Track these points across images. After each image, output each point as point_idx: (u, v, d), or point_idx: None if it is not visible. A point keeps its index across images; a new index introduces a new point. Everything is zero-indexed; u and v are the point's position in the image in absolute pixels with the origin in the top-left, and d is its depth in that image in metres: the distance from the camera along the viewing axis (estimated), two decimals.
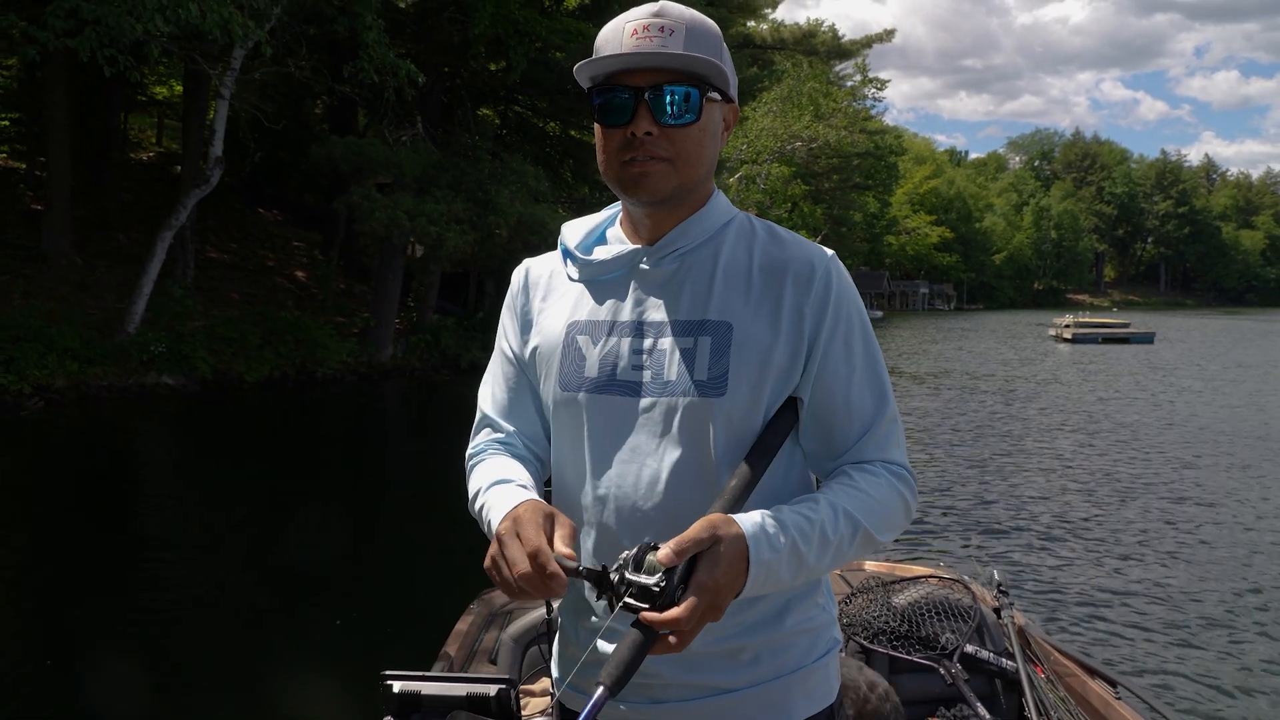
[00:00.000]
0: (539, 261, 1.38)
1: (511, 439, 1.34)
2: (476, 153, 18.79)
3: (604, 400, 1.22)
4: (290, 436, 13.69)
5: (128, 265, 18.08)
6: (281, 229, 26.36)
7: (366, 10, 13.32)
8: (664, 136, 1.17)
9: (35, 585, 6.47)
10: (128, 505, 9.18)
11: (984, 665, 2.68)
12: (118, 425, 13.59)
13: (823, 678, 1.28)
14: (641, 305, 1.24)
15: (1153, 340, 38.71)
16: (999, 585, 2.99)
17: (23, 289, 15.90)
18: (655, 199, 1.20)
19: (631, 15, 1.19)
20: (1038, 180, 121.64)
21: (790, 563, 1.10)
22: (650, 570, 1.00)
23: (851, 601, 2.87)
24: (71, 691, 4.59)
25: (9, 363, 13.67)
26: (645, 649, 0.99)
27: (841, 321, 1.22)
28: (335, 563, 6.73)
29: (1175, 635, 5.56)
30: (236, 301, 19.56)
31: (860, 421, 1.22)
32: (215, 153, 15.87)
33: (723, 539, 1.04)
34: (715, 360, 1.18)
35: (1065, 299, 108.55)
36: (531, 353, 1.31)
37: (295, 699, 4.44)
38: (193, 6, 10.35)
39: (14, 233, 18.06)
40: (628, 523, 1.20)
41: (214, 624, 5.62)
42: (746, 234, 1.28)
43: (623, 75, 1.18)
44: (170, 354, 15.67)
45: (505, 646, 2.75)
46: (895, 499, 1.21)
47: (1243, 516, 8.57)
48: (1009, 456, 11.72)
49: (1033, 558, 7.16)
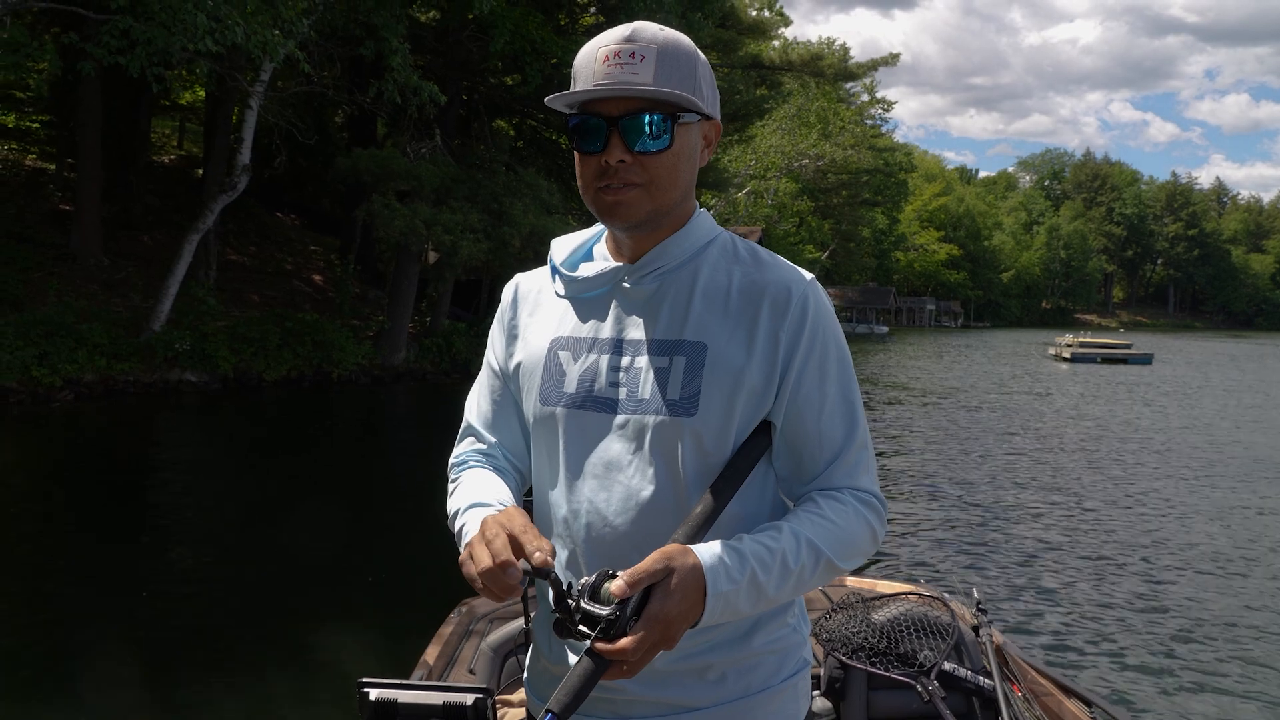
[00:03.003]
0: (529, 277, 1.40)
1: (493, 450, 1.36)
2: (492, 165, 19.42)
3: (581, 416, 1.24)
4: (304, 435, 14.09)
5: (152, 265, 18.72)
6: (299, 234, 26.96)
7: (393, 35, 13.97)
8: (637, 163, 1.18)
9: (43, 571, 6.66)
10: (141, 496, 9.48)
11: (961, 683, 2.67)
12: (142, 419, 14.09)
13: (790, 698, 1.28)
14: (621, 323, 1.25)
15: (1151, 361, 39.01)
16: (978, 603, 2.99)
17: (56, 287, 16.50)
18: (630, 224, 1.21)
19: (604, 40, 1.19)
20: (1047, 200, 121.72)
21: (749, 593, 1.11)
22: (605, 600, 1.02)
23: (831, 617, 2.86)
24: (58, 678, 4.69)
25: (42, 357, 14.23)
26: (596, 676, 1.01)
27: (816, 347, 1.22)
28: (323, 564, 6.73)
29: (1151, 656, 5.57)
30: (256, 303, 20.16)
31: (830, 449, 1.23)
32: (243, 160, 16.47)
33: (676, 570, 1.05)
34: (688, 380, 1.19)
35: (1073, 319, 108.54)
36: (516, 367, 1.33)
37: (270, 704, 4.47)
38: (238, 30, 11.05)
39: (44, 232, 18.68)
40: (599, 538, 1.21)
41: (200, 620, 5.68)
42: (728, 254, 1.28)
43: (595, 104, 1.18)
44: (194, 352, 16.24)
45: (484, 656, 2.75)
46: (861, 527, 1.21)
47: (1222, 539, 8.60)
48: (992, 475, 11.73)
49: (1012, 576, 7.16)
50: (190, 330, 16.54)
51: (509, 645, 2.78)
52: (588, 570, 1.18)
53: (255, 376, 17.15)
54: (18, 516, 8.34)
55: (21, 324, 14.39)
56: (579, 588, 1.03)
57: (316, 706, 4.45)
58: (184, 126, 30.90)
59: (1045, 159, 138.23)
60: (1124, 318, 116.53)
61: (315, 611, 5.83)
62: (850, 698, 2.71)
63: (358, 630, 5.41)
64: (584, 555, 1.22)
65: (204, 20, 10.53)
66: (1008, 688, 2.62)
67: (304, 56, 13.81)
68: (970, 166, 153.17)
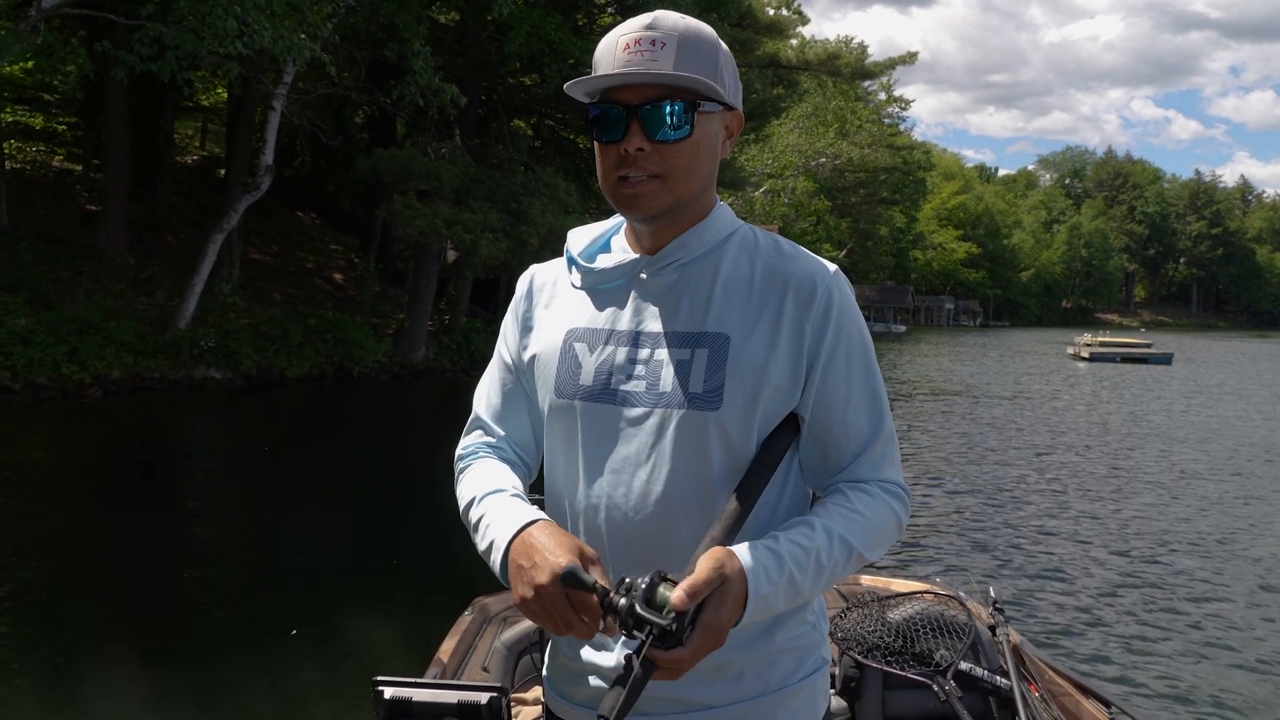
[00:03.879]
0: (544, 268, 1.38)
1: (502, 444, 1.34)
2: (510, 165, 19.63)
3: (598, 409, 1.22)
4: (325, 430, 14.32)
5: (176, 264, 19.05)
6: (320, 233, 27.27)
7: (415, 38, 14.20)
8: (656, 152, 1.16)
9: (79, 552, 6.88)
10: (168, 488, 9.72)
11: (978, 683, 2.65)
12: (168, 414, 14.39)
13: (808, 696, 1.27)
14: (640, 315, 1.23)
15: (1170, 361, 38.72)
16: (995, 602, 2.96)
17: (85, 286, 16.84)
18: (649, 215, 1.20)
19: (625, 28, 1.18)
20: (1068, 198, 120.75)
21: (786, 592, 1.11)
22: (661, 606, 1.00)
23: (846, 616, 2.85)
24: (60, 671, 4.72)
25: (72, 354, 14.55)
26: (645, 681, 1.01)
27: (842, 340, 1.21)
28: (337, 561, 6.78)
29: (1171, 656, 5.53)
30: (279, 301, 20.45)
31: (857, 441, 1.22)
32: (266, 161, 16.76)
33: (730, 578, 1.05)
34: (711, 373, 1.17)
35: (1094, 318, 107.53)
36: (531, 359, 1.31)
37: (285, 701, 4.48)
38: (265, 34, 11.30)
39: (72, 232, 19.05)
40: (618, 532, 1.20)
41: (214, 616, 5.74)
42: (749, 247, 1.26)
43: (615, 91, 1.17)
44: (218, 349, 16.54)
45: (498, 654, 2.73)
46: (889, 518, 1.21)
47: (1244, 539, 8.52)
48: (1009, 473, 11.73)
49: (1029, 575, 7.13)
50: (215, 328, 16.85)
51: (523, 643, 2.76)
52: (610, 564, 1.19)
53: (278, 373, 17.44)
54: (58, 503, 8.64)
55: (52, 322, 14.73)
56: (628, 585, 1.02)
57: (309, 710, 4.45)
58: (206, 127, 31.32)
59: (1066, 157, 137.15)
60: (1146, 317, 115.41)
61: (318, 610, 5.87)
62: (866, 697, 2.70)
63: (354, 633, 5.39)
64: (605, 550, 1.20)
65: (234, 25, 10.80)
66: (1025, 688, 2.59)
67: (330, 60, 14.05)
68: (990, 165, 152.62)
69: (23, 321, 14.41)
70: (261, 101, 17.69)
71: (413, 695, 1.37)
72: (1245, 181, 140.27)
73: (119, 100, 17.91)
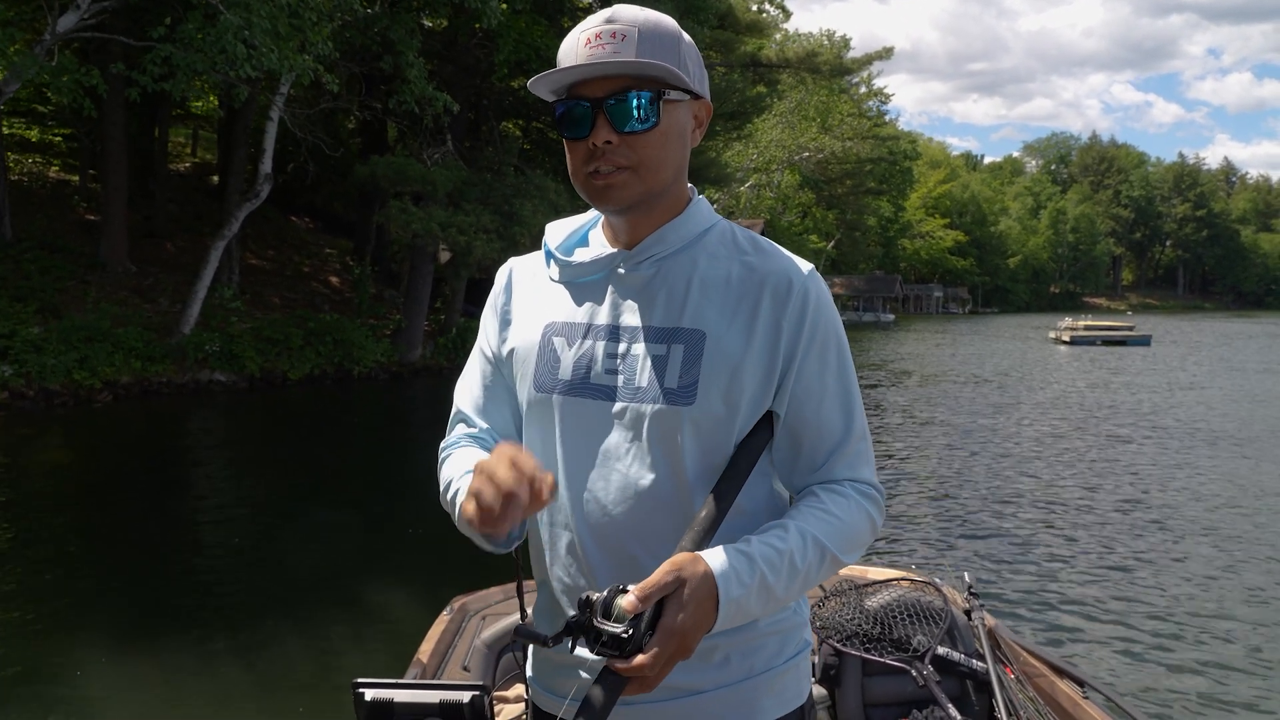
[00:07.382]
0: (523, 261, 1.37)
1: (484, 435, 1.33)
2: (502, 167, 20.14)
3: (577, 403, 1.21)
4: (328, 429, 14.72)
5: (176, 271, 19.46)
6: (314, 236, 27.59)
7: (409, 49, 14.70)
8: (625, 144, 1.15)
9: (91, 551, 7.18)
10: (172, 490, 10.01)
11: (955, 667, 2.70)
12: (176, 417, 14.81)
13: (792, 679, 1.27)
14: (618, 309, 1.23)
15: (1149, 343, 39.57)
16: (969, 587, 3.01)
17: (92, 295, 17.28)
18: (622, 208, 1.19)
19: (585, 24, 1.18)
20: (1054, 184, 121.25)
21: (759, 596, 1.09)
22: (618, 617, 1.00)
23: (825, 604, 2.88)
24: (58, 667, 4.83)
25: (83, 360, 15.01)
26: (616, 693, 1.00)
27: (818, 338, 1.21)
28: (318, 564, 6.82)
29: (1142, 636, 5.65)
30: (278, 305, 20.85)
31: (830, 440, 1.22)
32: (265, 170, 17.23)
33: (687, 580, 1.03)
34: (686, 369, 1.17)
35: (1082, 302, 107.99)
36: (509, 352, 1.30)
37: (264, 707, 4.51)
38: (272, 55, 11.81)
39: (73, 241, 19.41)
40: (598, 526, 1.20)
41: (199, 617, 5.80)
42: (727, 243, 1.26)
43: (580, 86, 1.17)
44: (222, 353, 17.01)
45: (479, 653, 2.73)
46: (863, 520, 1.21)
47: (1211, 518, 8.63)
48: (981, 459, 11.83)
49: (1003, 560, 7.22)
50: (218, 332, 17.30)
51: (503, 641, 2.77)
52: (587, 559, 1.20)
53: (280, 375, 17.90)
54: (74, 503, 9.13)
55: (63, 330, 15.20)
56: (592, 606, 1.01)
57: (287, 716, 4.49)
58: (197, 134, 31.63)
59: (1051, 143, 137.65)
60: (1133, 300, 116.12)
61: (297, 613, 5.86)
62: (845, 684, 2.74)
63: (333, 635, 5.40)
64: (583, 544, 1.21)
65: (243, 50, 11.30)
66: (1001, 670, 2.64)
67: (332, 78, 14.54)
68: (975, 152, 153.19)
69: (35, 330, 14.91)
70: (258, 111, 18.15)
71: (394, 696, 1.39)
72: (1229, 164, 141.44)
73: (115, 111, 18.27)
